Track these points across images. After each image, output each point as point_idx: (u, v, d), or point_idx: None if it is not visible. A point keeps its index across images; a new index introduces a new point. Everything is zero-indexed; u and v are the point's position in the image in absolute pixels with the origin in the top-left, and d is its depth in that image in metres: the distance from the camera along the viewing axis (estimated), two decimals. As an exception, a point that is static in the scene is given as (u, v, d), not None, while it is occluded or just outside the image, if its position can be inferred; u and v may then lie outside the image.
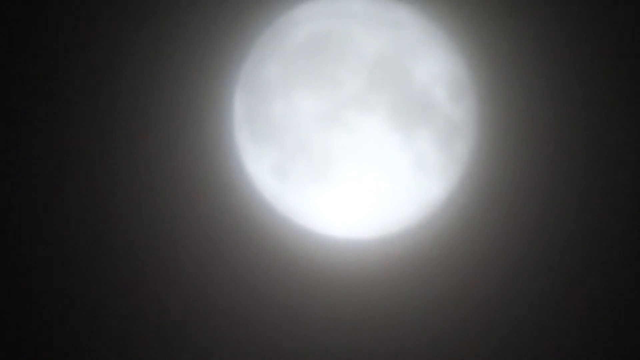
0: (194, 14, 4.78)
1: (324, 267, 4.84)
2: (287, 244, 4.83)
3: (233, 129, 4.78)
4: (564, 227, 4.83)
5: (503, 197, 4.81)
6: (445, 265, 4.83)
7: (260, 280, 4.84)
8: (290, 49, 4.65)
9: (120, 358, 4.87)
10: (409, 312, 4.86)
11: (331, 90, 4.56)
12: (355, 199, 4.64)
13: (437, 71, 4.67)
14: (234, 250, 4.84)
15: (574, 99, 4.79)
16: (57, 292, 4.85)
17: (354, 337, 4.87)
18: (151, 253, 4.85)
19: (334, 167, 4.59)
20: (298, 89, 4.59)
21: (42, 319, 4.86)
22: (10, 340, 4.85)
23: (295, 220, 4.83)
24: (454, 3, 4.77)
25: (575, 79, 4.79)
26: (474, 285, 4.84)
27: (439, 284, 4.84)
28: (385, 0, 4.74)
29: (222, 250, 4.84)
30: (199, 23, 4.78)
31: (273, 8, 4.77)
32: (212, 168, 4.80)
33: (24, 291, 4.86)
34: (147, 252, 4.84)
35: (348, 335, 4.87)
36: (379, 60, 4.58)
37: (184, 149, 4.80)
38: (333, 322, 4.86)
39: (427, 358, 4.87)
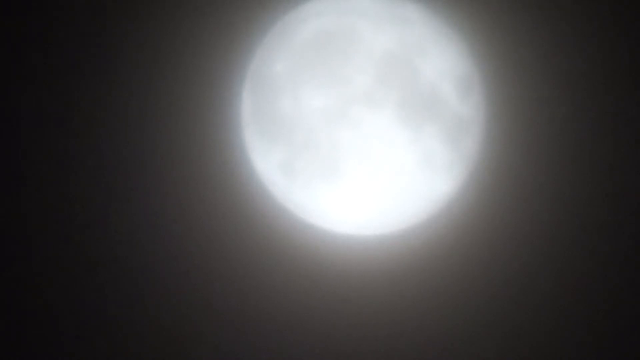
0: (202, 11, 4.79)
1: (331, 264, 4.84)
2: (294, 241, 4.84)
3: (241, 126, 4.78)
4: (572, 224, 4.83)
5: (510, 194, 4.81)
6: (453, 262, 4.84)
7: (268, 277, 4.85)
8: (298, 46, 4.65)
9: (126, 356, 4.89)
10: (416, 308, 4.86)
11: (339, 87, 4.56)
12: (363, 196, 4.64)
13: (444, 68, 4.67)
14: (241, 246, 4.85)
15: (581, 96, 4.79)
16: (62, 289, 4.87)
17: (361, 333, 4.87)
18: (159, 249, 4.86)
19: (341, 164, 4.60)
20: (306, 86, 4.59)
21: (44, 319, 4.87)
22: (11, 340, 4.87)
23: (303, 217, 4.84)
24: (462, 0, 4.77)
25: (583, 77, 4.78)
26: (481, 282, 4.85)
27: (446, 280, 4.85)
28: (392, -3, 4.75)
29: (230, 246, 4.85)
30: (207, 20, 4.78)
31: (281, 5, 4.77)
32: (220, 164, 4.81)
33: (26, 291, 4.87)
34: (155, 248, 4.86)
35: (356, 331, 4.87)
36: (387, 57, 4.58)
37: (192, 146, 4.80)
38: (340, 318, 4.87)
39: (434, 355, 4.87)
